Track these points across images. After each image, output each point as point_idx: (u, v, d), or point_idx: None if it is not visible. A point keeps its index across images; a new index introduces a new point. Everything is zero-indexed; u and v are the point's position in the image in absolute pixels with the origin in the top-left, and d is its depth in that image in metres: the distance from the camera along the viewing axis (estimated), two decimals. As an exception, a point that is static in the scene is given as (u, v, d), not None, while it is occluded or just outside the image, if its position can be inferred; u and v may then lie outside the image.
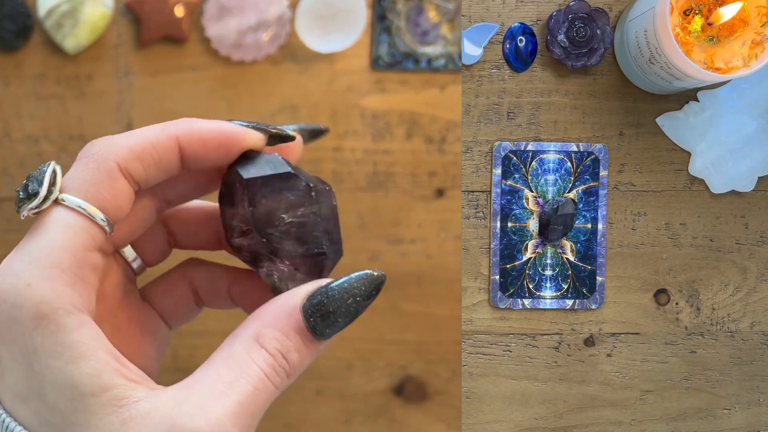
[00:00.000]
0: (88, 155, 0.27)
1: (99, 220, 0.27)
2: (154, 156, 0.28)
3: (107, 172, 0.27)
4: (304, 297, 0.27)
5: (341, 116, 0.65)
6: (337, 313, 0.27)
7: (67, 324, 0.24)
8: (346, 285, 0.27)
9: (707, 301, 0.59)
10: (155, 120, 0.66)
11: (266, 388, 0.26)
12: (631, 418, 0.60)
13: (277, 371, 0.26)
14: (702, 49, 0.50)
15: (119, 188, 0.27)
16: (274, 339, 0.26)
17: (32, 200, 0.26)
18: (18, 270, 0.25)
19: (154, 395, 0.25)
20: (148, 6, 0.62)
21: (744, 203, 0.59)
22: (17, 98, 0.63)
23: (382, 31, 0.64)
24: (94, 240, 0.27)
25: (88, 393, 0.24)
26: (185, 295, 0.33)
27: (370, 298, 0.28)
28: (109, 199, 0.27)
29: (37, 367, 0.24)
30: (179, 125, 0.28)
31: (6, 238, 0.64)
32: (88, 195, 0.27)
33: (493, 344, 0.59)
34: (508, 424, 0.59)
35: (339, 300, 0.27)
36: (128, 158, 0.27)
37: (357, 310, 0.27)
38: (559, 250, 0.58)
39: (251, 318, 0.27)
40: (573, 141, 0.58)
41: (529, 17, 0.58)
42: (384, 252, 0.67)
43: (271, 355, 0.26)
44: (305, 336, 0.27)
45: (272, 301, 0.28)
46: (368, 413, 0.68)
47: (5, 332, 0.25)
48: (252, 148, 0.29)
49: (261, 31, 0.63)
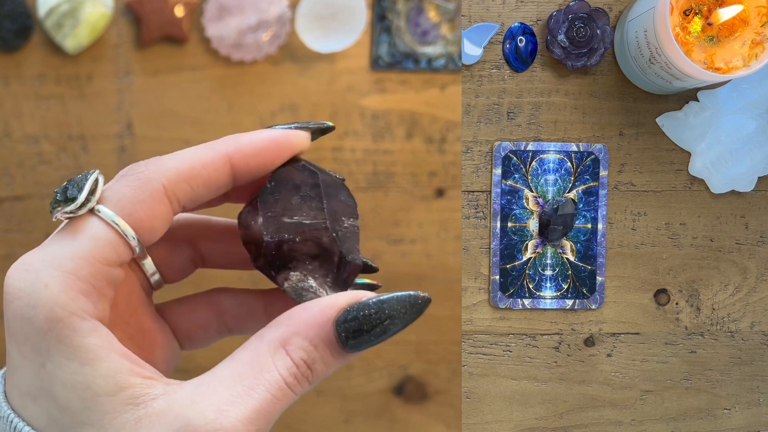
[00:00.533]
0: (133, 173, 0.27)
1: (129, 237, 0.26)
2: (204, 176, 0.27)
3: (150, 192, 0.26)
4: (339, 309, 0.26)
5: (341, 116, 0.65)
6: (371, 331, 0.26)
7: (81, 328, 0.24)
8: (386, 305, 0.26)
9: (707, 301, 0.59)
10: (155, 120, 0.66)
11: (285, 396, 0.26)
12: (631, 418, 0.60)
13: (299, 380, 0.26)
14: (702, 49, 0.50)
15: (159, 211, 0.27)
16: (301, 348, 0.26)
17: (68, 204, 0.26)
18: (38, 269, 0.25)
19: (171, 391, 0.25)
20: (148, 6, 0.62)
21: (744, 203, 0.59)
22: (17, 98, 0.63)
23: (382, 31, 0.64)
24: (119, 256, 0.26)
25: (103, 393, 0.24)
26: (207, 320, 0.32)
27: (410, 320, 0.27)
28: (145, 220, 0.26)
29: (50, 367, 0.24)
30: (227, 143, 0.28)
31: (6, 238, 0.64)
32: (124, 211, 0.26)
33: (493, 344, 0.59)
34: (508, 424, 0.59)
35: (376, 319, 0.26)
36: (175, 179, 0.27)
37: (394, 330, 0.26)
38: (559, 250, 0.58)
39: (282, 320, 0.27)
40: (573, 141, 0.58)
41: (529, 17, 0.58)
42: (384, 252, 0.67)
43: (295, 364, 0.26)
44: (334, 348, 0.26)
45: (305, 307, 0.27)
46: (368, 413, 0.68)
47: (17, 329, 0.25)
48: (302, 149, 0.29)
49: (261, 31, 0.63)
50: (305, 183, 0.29)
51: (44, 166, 0.64)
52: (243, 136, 0.28)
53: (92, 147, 0.64)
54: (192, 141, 0.64)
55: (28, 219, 0.64)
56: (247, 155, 0.28)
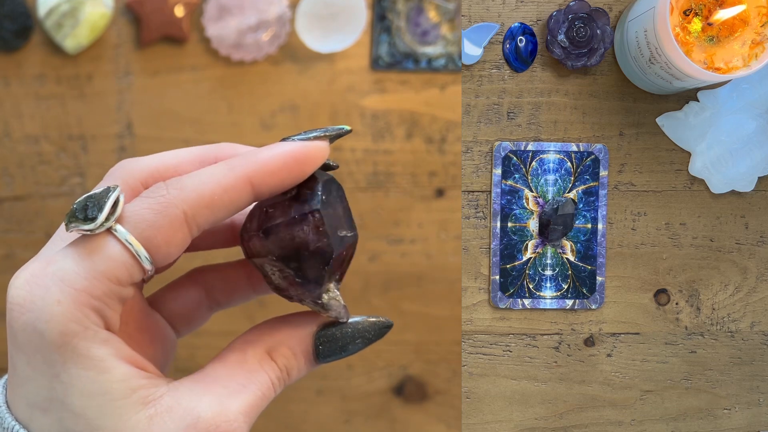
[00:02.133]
0: (156, 195, 0.26)
1: (143, 260, 0.26)
2: (225, 201, 0.27)
3: (170, 219, 0.26)
4: (319, 326, 0.30)
5: (341, 116, 0.65)
6: (344, 347, 0.30)
7: (95, 340, 0.25)
8: (360, 327, 0.30)
9: (707, 301, 0.59)
10: (155, 120, 0.66)
11: (269, 395, 0.28)
12: (631, 418, 0.60)
13: (280, 382, 0.29)
14: (702, 49, 0.50)
15: (177, 238, 0.26)
16: (284, 356, 0.29)
17: (87, 224, 0.26)
18: (48, 285, 0.25)
19: (174, 388, 0.26)
20: (148, 6, 0.62)
21: (744, 203, 0.59)
22: (17, 98, 0.63)
23: (382, 31, 0.64)
24: (131, 277, 0.26)
25: (119, 397, 0.25)
26: (196, 298, 0.33)
27: (374, 341, 0.31)
28: (163, 247, 0.26)
29: (65, 377, 0.25)
30: (248, 163, 0.27)
31: (6, 238, 0.64)
32: (143, 235, 0.26)
33: (493, 344, 0.59)
34: (508, 424, 0.59)
35: (350, 337, 0.30)
36: (197, 206, 0.26)
37: (361, 347, 0.30)
38: (559, 250, 0.58)
39: (266, 330, 0.30)
40: (573, 141, 0.58)
41: (529, 17, 0.58)
42: (384, 252, 0.67)
43: (279, 369, 0.29)
44: (308, 358, 0.30)
45: (290, 320, 0.30)
46: (368, 413, 0.68)
47: (26, 341, 0.25)
48: (323, 161, 0.29)
49: (261, 31, 0.63)
50: (339, 191, 0.30)
51: (44, 166, 0.64)
52: (262, 153, 0.28)
53: (92, 147, 0.64)
54: (192, 141, 0.64)
55: (28, 219, 0.64)
56: (268, 174, 0.27)
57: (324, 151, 0.28)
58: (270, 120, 0.65)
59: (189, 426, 0.26)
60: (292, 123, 0.65)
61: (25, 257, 0.65)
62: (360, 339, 0.30)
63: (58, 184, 0.64)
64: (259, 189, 0.27)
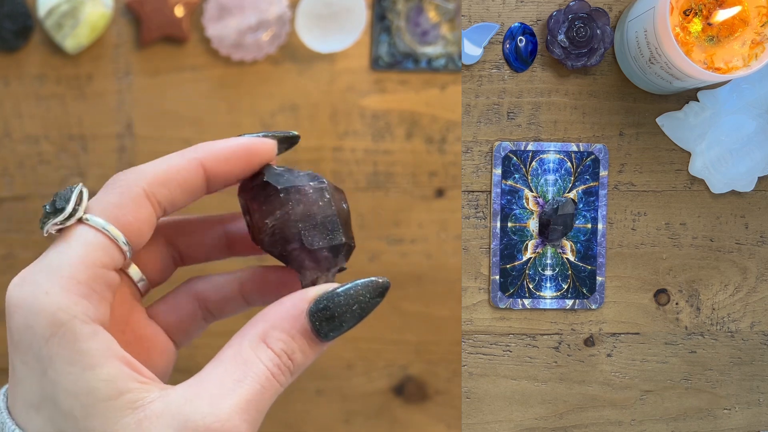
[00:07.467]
0: (114, 182, 0.29)
1: (120, 242, 0.28)
2: (179, 179, 0.29)
3: (132, 197, 0.28)
4: (310, 301, 0.28)
5: (341, 116, 0.65)
6: (341, 317, 0.28)
7: (82, 332, 0.25)
8: (352, 291, 0.29)
9: (707, 301, 0.59)
10: (155, 120, 0.66)
11: (272, 386, 0.27)
12: (631, 418, 0.60)
13: (282, 370, 0.28)
14: (702, 49, 0.50)
15: (143, 214, 0.28)
16: (280, 340, 0.28)
17: (57, 215, 0.27)
18: (37, 279, 0.26)
19: (166, 394, 0.26)
20: (148, 6, 0.62)
21: (744, 203, 0.59)
22: (17, 98, 0.63)
23: (382, 31, 0.64)
24: (112, 260, 0.27)
25: (104, 398, 0.25)
26: (191, 310, 0.33)
27: (374, 304, 0.29)
28: (132, 223, 0.28)
29: (52, 374, 0.25)
30: (199, 149, 0.30)
31: (6, 238, 0.64)
32: (111, 217, 0.28)
33: (493, 344, 0.59)
34: (508, 424, 0.59)
35: (344, 305, 0.28)
36: (154, 183, 0.28)
37: (361, 315, 0.29)
38: (559, 250, 0.58)
39: (258, 318, 0.28)
40: (573, 141, 0.58)
41: (529, 17, 0.58)
42: (384, 252, 0.67)
43: (276, 355, 0.28)
44: (310, 338, 0.28)
45: (280, 303, 0.29)
46: (368, 413, 0.68)
47: (20, 339, 0.25)
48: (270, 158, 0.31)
49: (261, 31, 0.63)
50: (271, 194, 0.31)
51: (44, 166, 0.64)
52: (215, 143, 0.30)
53: (92, 147, 0.64)
54: (192, 141, 0.64)
55: (28, 219, 0.64)
56: (219, 161, 0.30)
57: (270, 148, 0.31)
58: (270, 120, 0.65)
59: (178, 431, 0.25)
60: (292, 123, 0.65)
61: (25, 257, 0.65)
62: (356, 305, 0.28)
63: (59, 184, 0.64)
64: (211, 173, 0.30)
